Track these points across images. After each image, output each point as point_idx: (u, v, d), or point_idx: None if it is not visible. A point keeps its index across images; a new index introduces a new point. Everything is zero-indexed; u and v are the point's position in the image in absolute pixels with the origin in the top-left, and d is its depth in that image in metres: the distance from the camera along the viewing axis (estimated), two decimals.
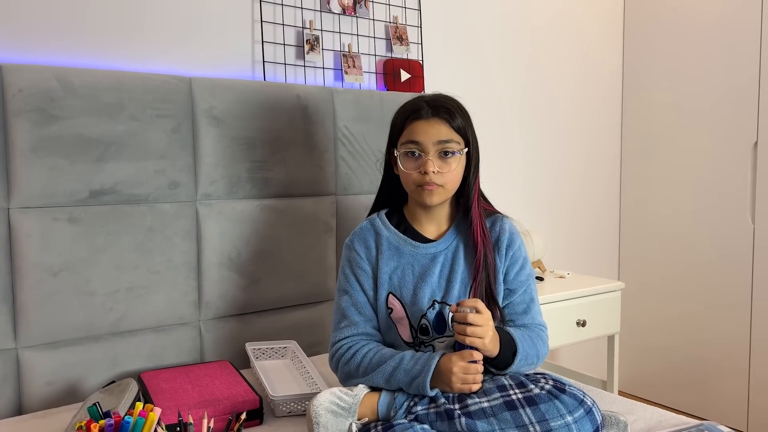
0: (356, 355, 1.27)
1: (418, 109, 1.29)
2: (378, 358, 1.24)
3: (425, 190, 1.29)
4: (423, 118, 1.28)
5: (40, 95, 1.42)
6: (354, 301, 1.33)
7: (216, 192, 1.67)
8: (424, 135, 1.27)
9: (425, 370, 1.17)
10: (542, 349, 1.32)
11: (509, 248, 1.35)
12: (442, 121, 1.28)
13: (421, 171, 1.27)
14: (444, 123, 1.28)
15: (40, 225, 1.43)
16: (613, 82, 2.86)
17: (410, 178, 1.30)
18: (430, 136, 1.27)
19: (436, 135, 1.27)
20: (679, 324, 2.72)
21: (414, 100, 1.33)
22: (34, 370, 1.45)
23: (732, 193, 2.52)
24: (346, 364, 1.28)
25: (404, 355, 1.23)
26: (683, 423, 1.32)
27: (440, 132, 1.28)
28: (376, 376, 1.23)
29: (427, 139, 1.27)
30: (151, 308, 1.58)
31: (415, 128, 1.28)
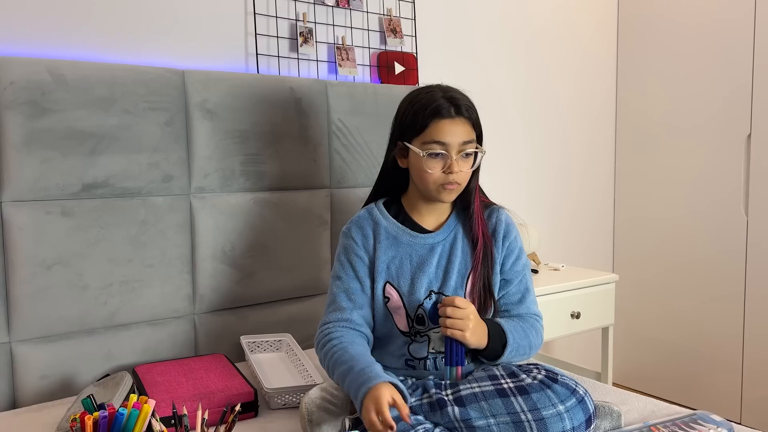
0: (327, 345, 1.24)
1: (440, 107, 1.26)
2: (336, 358, 1.20)
3: (446, 189, 1.28)
4: (447, 117, 1.26)
5: (32, 88, 1.41)
6: (345, 287, 1.32)
7: (210, 185, 1.67)
8: (451, 135, 1.26)
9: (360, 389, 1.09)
10: (535, 339, 1.32)
11: (506, 239, 1.36)
12: (465, 121, 1.27)
13: (446, 171, 1.27)
14: (467, 122, 1.28)
15: (32, 218, 1.43)
16: (608, 76, 2.86)
17: (432, 177, 1.28)
18: (456, 136, 1.26)
19: (460, 136, 1.26)
20: (673, 316, 2.74)
21: (430, 93, 1.29)
22: (28, 363, 1.45)
23: (725, 186, 2.53)
24: (320, 349, 1.26)
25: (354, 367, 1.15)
26: (676, 412, 1.33)
27: (464, 132, 1.27)
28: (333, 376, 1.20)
29: (453, 140, 1.26)
30: (145, 302, 1.58)
31: (440, 128, 1.26)
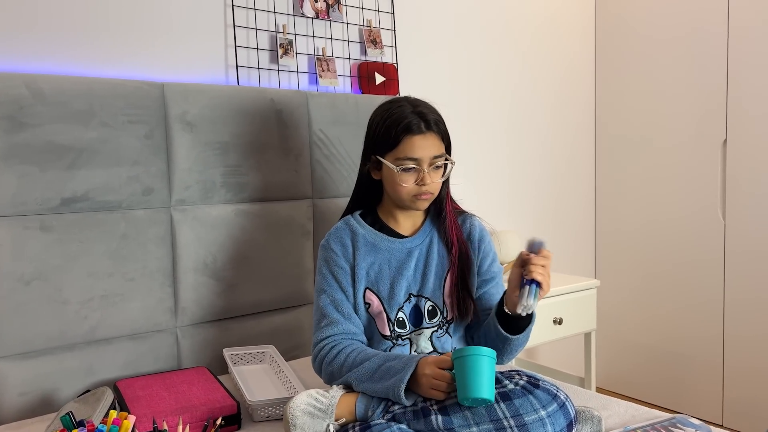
0: (339, 355, 1.27)
1: (411, 124, 1.30)
2: (361, 358, 1.25)
3: (420, 199, 1.33)
4: (417, 133, 1.30)
5: (9, 103, 1.40)
6: (332, 300, 1.34)
7: (190, 197, 1.66)
8: (422, 151, 1.30)
9: (405, 371, 1.16)
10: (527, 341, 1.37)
11: (481, 242, 1.42)
12: (435, 135, 1.32)
13: (419, 183, 1.31)
14: (437, 137, 1.33)
15: (10, 234, 1.42)
16: (587, 86, 2.90)
17: (406, 190, 1.32)
18: (427, 151, 1.30)
19: (431, 150, 1.31)
20: (654, 320, 2.77)
21: (400, 108, 1.32)
22: (6, 380, 1.43)
23: (703, 191, 2.57)
24: (329, 364, 1.28)
25: (388, 355, 1.23)
26: (656, 417, 1.34)
27: (435, 147, 1.32)
28: (356, 374, 1.22)
29: (425, 154, 1.30)
30: (127, 315, 1.57)
31: (411, 144, 1.30)
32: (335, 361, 1.27)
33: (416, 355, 1.22)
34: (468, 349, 1.11)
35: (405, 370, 1.16)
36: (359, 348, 1.29)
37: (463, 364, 1.10)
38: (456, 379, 1.11)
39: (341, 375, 1.26)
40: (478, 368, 1.09)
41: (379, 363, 1.22)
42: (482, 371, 1.09)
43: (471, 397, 1.09)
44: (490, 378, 1.10)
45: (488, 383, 1.09)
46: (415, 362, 1.17)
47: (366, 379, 1.21)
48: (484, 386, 1.08)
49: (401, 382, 1.15)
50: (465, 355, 1.10)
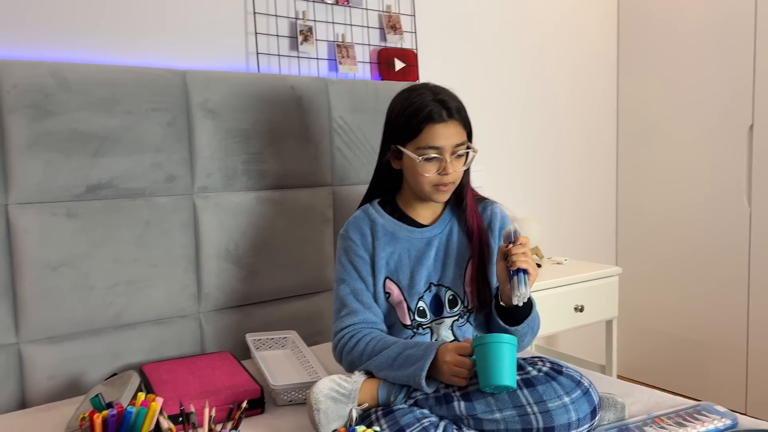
0: (359, 344, 1.28)
1: (432, 112, 1.27)
2: (381, 345, 1.26)
3: (440, 190, 1.31)
4: (439, 122, 1.28)
5: (35, 91, 1.42)
6: (352, 289, 1.34)
7: (212, 184, 1.68)
8: (444, 139, 1.28)
9: (425, 358, 1.17)
10: (539, 323, 1.36)
11: (502, 230, 1.40)
12: (457, 123, 1.30)
13: (441, 173, 1.29)
14: (459, 125, 1.30)
15: (38, 220, 1.44)
16: (609, 70, 2.86)
17: (427, 180, 1.30)
18: (450, 139, 1.28)
19: (454, 138, 1.29)
20: (677, 308, 2.74)
21: (421, 96, 1.30)
22: (36, 364, 1.46)
23: (728, 177, 2.53)
24: (349, 353, 1.30)
25: (407, 342, 1.24)
26: (680, 404, 1.33)
27: (457, 134, 1.30)
28: (376, 361, 1.23)
29: (447, 143, 1.28)
30: (151, 301, 1.59)
31: (433, 133, 1.28)
32: (355, 350, 1.28)
33: (436, 342, 1.22)
34: (488, 337, 1.11)
35: (425, 358, 1.16)
36: (378, 336, 1.29)
37: (484, 352, 1.10)
38: (477, 367, 1.11)
39: (361, 363, 1.27)
40: (499, 355, 1.09)
41: (399, 351, 1.22)
42: (503, 358, 1.09)
43: (493, 384, 1.09)
44: (512, 365, 1.10)
45: (510, 370, 1.09)
46: (434, 349, 1.17)
47: (386, 367, 1.22)
48: (505, 373, 1.09)
49: (422, 370, 1.15)
50: (486, 342, 1.10)
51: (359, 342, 1.29)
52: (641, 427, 1.20)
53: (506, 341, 1.10)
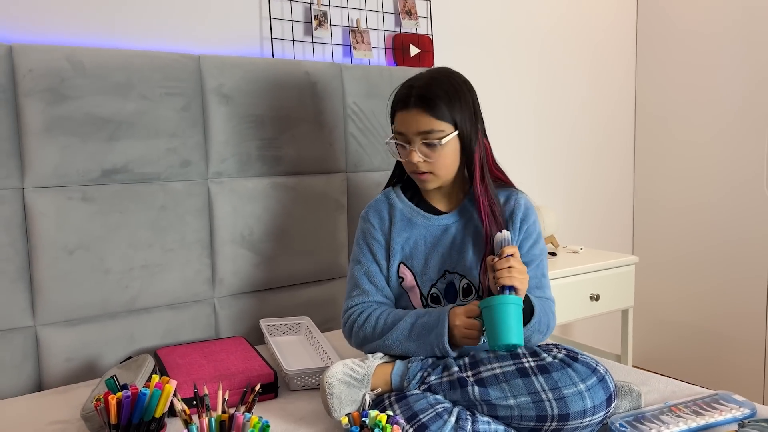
0: (369, 318, 1.29)
1: (403, 97, 1.30)
2: (392, 318, 1.27)
3: (418, 178, 1.32)
4: (402, 109, 1.29)
5: (51, 75, 1.42)
6: (366, 271, 1.35)
7: (227, 170, 1.68)
8: (406, 126, 1.28)
9: (441, 325, 1.19)
10: (552, 321, 1.32)
11: (524, 222, 1.35)
12: (421, 112, 1.26)
13: (405, 160, 1.31)
14: (424, 113, 1.26)
15: (54, 204, 1.45)
16: (627, 56, 2.81)
17: (405, 166, 1.33)
18: (410, 126, 1.28)
19: (416, 126, 1.27)
20: (694, 298, 2.71)
21: (405, 84, 1.32)
22: (52, 347, 1.47)
23: (748, 167, 2.49)
24: (360, 329, 1.30)
25: (417, 312, 1.26)
26: (697, 393, 1.32)
27: (420, 123, 1.27)
28: (392, 336, 1.24)
29: (409, 130, 1.28)
30: (166, 286, 1.60)
31: (399, 119, 1.30)
32: (366, 326, 1.29)
33: (445, 308, 1.23)
34: (494, 299, 1.13)
35: (440, 325, 1.19)
36: (387, 310, 1.30)
37: (491, 314, 1.13)
38: (486, 328, 1.15)
39: (374, 339, 1.27)
40: (505, 315, 1.12)
41: (412, 321, 1.24)
42: (510, 318, 1.12)
43: (503, 343, 1.11)
44: (518, 324, 1.13)
45: (517, 329, 1.12)
46: (446, 315, 1.20)
47: (403, 340, 1.23)
48: (513, 332, 1.11)
49: (443, 336, 1.18)
50: (492, 304, 1.13)
51: (370, 317, 1.29)
52: (657, 415, 1.19)
53: (511, 302, 1.13)
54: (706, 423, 1.16)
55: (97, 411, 0.99)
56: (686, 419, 1.17)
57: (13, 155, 1.41)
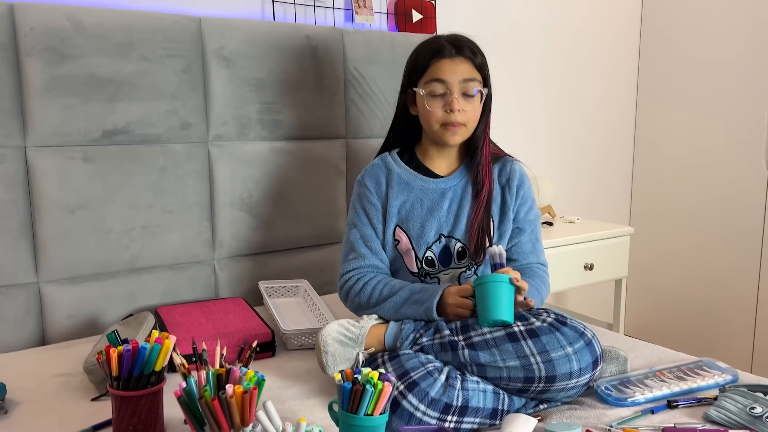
0: (366, 287, 1.32)
1: (441, 48, 1.31)
2: (388, 290, 1.30)
3: (449, 129, 1.32)
4: (447, 57, 1.30)
5: (52, 34, 1.43)
6: (362, 234, 1.37)
7: (227, 133, 1.69)
8: (450, 74, 1.29)
9: (432, 298, 1.23)
10: (545, 291, 1.36)
11: (520, 188, 1.39)
12: (466, 60, 1.31)
13: (447, 110, 1.30)
14: (468, 61, 1.31)
15: (56, 163, 1.47)
16: (631, 29, 2.79)
17: (434, 117, 1.32)
18: (455, 74, 1.29)
19: (461, 74, 1.30)
20: (688, 271, 2.74)
21: (433, 38, 1.35)
22: (55, 303, 1.51)
23: (747, 139, 2.49)
24: (356, 296, 1.33)
25: (413, 287, 1.28)
26: (682, 359, 1.35)
27: (464, 70, 1.30)
28: (386, 306, 1.28)
29: (453, 78, 1.29)
30: (166, 246, 1.63)
31: (440, 67, 1.30)
32: (362, 293, 1.32)
33: (440, 286, 1.26)
34: (486, 276, 1.17)
35: (431, 299, 1.23)
36: (384, 280, 1.33)
37: (483, 290, 1.16)
38: (477, 305, 1.18)
39: (368, 307, 1.31)
40: (495, 292, 1.15)
41: (406, 296, 1.27)
42: (501, 295, 1.15)
43: (491, 319, 1.14)
44: (509, 302, 1.16)
45: (507, 306, 1.15)
46: (440, 291, 1.23)
47: (394, 312, 1.27)
48: (503, 308, 1.14)
49: (432, 307, 1.22)
50: (484, 282, 1.16)
51: (366, 285, 1.32)
52: (642, 380, 1.23)
53: (503, 280, 1.16)
54: (688, 387, 1.19)
55: (99, 364, 1.03)
56: (670, 384, 1.20)
57: (15, 114, 1.42)
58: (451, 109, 1.29)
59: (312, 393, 1.21)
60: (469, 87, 1.30)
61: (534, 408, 1.16)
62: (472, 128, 1.35)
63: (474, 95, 1.31)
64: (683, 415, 1.11)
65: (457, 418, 1.08)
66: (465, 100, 1.31)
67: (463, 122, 1.31)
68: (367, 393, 0.92)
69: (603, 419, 1.10)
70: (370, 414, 0.93)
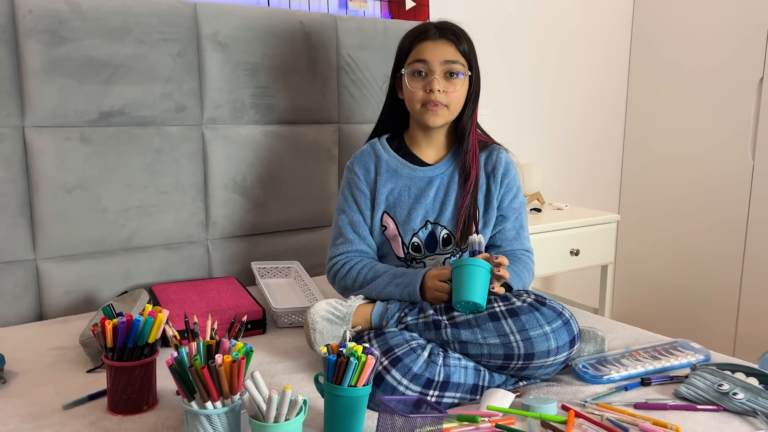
0: (351, 271, 1.36)
1: (426, 30, 1.35)
2: (372, 274, 1.34)
3: (430, 110, 1.34)
4: (430, 39, 1.34)
5: (50, 16, 1.45)
6: (350, 220, 1.40)
7: (221, 117, 1.72)
8: (432, 54, 1.33)
9: (414, 282, 1.27)
10: (528, 277, 1.40)
11: (505, 176, 1.42)
12: (448, 42, 1.34)
13: (427, 89, 1.33)
14: (450, 44, 1.34)
15: (53, 143, 1.50)
16: (623, 15, 2.82)
17: (415, 97, 1.35)
18: (437, 55, 1.33)
19: (442, 55, 1.33)
20: (674, 258, 2.79)
21: (421, 24, 1.39)
22: (52, 280, 1.55)
23: (734, 129, 2.53)
24: (342, 279, 1.37)
25: (396, 272, 1.32)
26: (658, 340, 1.40)
27: (446, 52, 1.33)
28: (370, 289, 1.32)
29: (434, 59, 1.33)
30: (161, 226, 1.67)
31: (422, 48, 1.34)
32: (348, 277, 1.36)
33: (422, 270, 1.29)
34: (465, 260, 1.20)
35: (414, 283, 1.27)
36: (370, 264, 1.37)
37: (459, 273, 1.19)
38: (453, 287, 1.21)
39: (354, 290, 1.36)
40: (472, 276, 1.18)
41: (389, 280, 1.31)
42: (476, 279, 1.18)
43: (462, 300, 1.17)
44: (483, 286, 1.18)
45: (480, 290, 1.18)
46: (421, 276, 1.27)
47: (377, 295, 1.32)
48: (476, 292, 1.17)
49: (415, 295, 1.26)
50: (460, 264, 1.19)
51: (351, 269, 1.36)
52: (618, 359, 1.27)
53: (479, 264, 1.19)
54: (662, 366, 1.24)
55: (95, 335, 1.07)
56: (644, 363, 1.25)
57: (13, 94, 1.45)
58: (431, 89, 1.32)
59: (300, 368, 1.26)
60: (451, 68, 1.33)
61: (513, 385, 1.20)
62: (455, 111, 1.37)
63: (457, 78, 1.34)
64: (655, 392, 1.16)
65: (438, 393, 1.13)
66: (447, 81, 1.34)
67: (444, 103, 1.34)
68: (351, 365, 0.96)
69: (579, 395, 1.15)
70: (353, 385, 0.98)
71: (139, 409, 1.07)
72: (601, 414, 1.06)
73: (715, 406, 1.08)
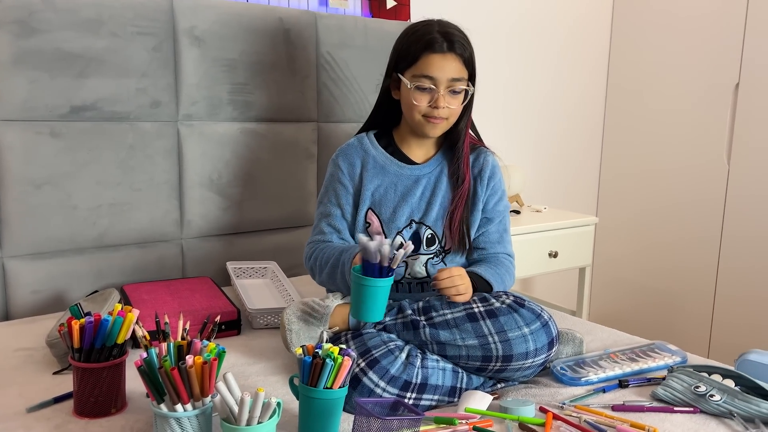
0: (315, 252, 1.37)
1: (433, 41, 1.29)
2: (327, 255, 1.33)
3: (430, 122, 1.32)
4: (438, 52, 1.28)
5: (20, 7, 1.41)
6: (327, 213, 1.39)
7: (197, 113, 1.69)
8: (440, 71, 1.29)
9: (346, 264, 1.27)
10: (509, 281, 1.39)
11: (491, 180, 1.41)
12: (456, 58, 1.30)
13: (432, 105, 1.30)
14: (458, 59, 1.30)
15: (22, 138, 1.45)
16: (602, 21, 2.84)
17: (417, 109, 1.32)
18: (445, 72, 1.29)
19: (450, 72, 1.29)
20: (651, 261, 2.81)
21: (426, 27, 1.32)
22: (19, 278, 1.50)
23: (710, 134, 2.56)
24: (310, 269, 1.38)
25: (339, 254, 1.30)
26: (636, 342, 1.40)
27: (453, 69, 1.29)
28: (322, 275, 1.34)
29: (442, 75, 1.29)
30: (134, 224, 1.63)
31: (429, 62, 1.29)
32: (311, 259, 1.37)
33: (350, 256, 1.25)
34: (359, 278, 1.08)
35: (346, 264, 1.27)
36: (323, 248, 1.35)
37: (354, 288, 1.10)
38: (351, 299, 1.12)
39: (317, 270, 1.35)
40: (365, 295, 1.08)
41: (333, 264, 1.30)
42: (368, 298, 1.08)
43: (359, 319, 1.11)
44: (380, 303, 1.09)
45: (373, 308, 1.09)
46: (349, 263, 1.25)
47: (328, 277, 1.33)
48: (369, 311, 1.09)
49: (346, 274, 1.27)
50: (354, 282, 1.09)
51: (315, 251, 1.37)
52: (597, 361, 1.27)
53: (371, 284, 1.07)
54: (639, 368, 1.24)
55: (61, 335, 1.03)
56: (622, 365, 1.25)
57: None
58: (436, 106, 1.30)
59: (276, 370, 1.23)
60: (456, 86, 1.30)
61: (492, 387, 1.20)
62: (452, 122, 1.35)
63: (460, 93, 1.32)
64: (633, 393, 1.16)
65: (416, 395, 1.11)
66: (450, 97, 1.31)
67: (445, 117, 1.32)
68: (327, 367, 0.94)
69: (557, 397, 1.14)
70: (329, 387, 0.96)
71: (107, 412, 1.03)
72: (579, 416, 1.05)
73: (692, 408, 1.08)
